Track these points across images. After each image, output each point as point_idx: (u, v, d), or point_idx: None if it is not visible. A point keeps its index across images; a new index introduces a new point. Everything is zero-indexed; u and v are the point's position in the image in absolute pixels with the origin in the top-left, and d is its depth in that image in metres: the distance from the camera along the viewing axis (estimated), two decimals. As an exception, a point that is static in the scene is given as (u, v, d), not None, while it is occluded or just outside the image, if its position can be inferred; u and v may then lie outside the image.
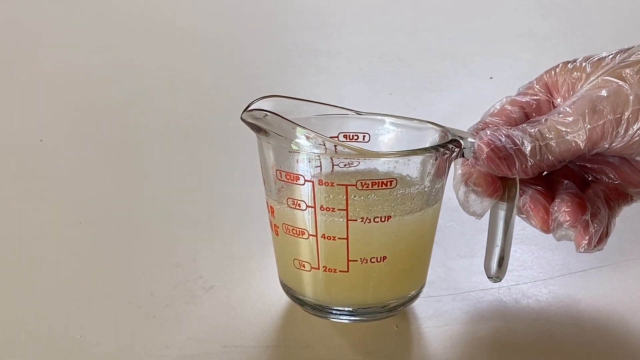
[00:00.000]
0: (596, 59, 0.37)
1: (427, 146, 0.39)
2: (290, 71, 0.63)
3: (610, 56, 0.37)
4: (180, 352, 0.42)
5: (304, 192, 0.38)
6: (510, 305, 0.45)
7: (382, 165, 0.43)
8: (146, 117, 0.60)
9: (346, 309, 0.42)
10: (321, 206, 0.38)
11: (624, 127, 0.33)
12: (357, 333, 0.43)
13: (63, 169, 0.56)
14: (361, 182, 0.37)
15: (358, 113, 0.43)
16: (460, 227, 0.44)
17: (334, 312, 0.42)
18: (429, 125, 0.41)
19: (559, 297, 0.45)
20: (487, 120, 0.40)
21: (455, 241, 0.48)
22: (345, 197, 0.37)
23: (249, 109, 0.38)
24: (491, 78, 0.61)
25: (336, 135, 0.43)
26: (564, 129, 0.34)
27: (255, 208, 0.51)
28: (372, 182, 0.37)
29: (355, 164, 0.42)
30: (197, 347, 0.42)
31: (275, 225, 0.42)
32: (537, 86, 0.39)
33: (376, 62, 0.64)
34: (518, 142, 0.35)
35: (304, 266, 0.41)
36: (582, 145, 0.34)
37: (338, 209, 0.38)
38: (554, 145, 0.34)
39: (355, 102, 0.61)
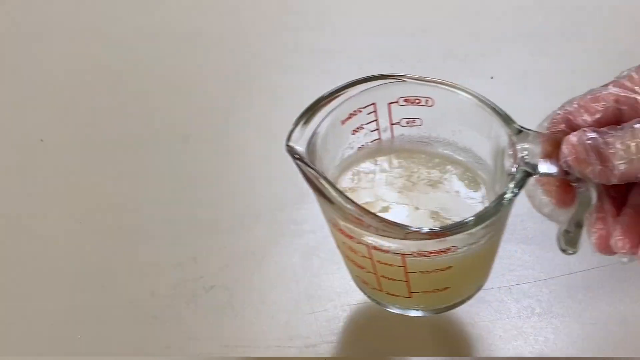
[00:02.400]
0: None
1: (490, 207, 0.32)
2: (290, 71, 0.63)
3: None
4: (181, 351, 0.42)
5: (360, 248, 0.35)
6: (511, 305, 0.45)
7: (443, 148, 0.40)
8: (146, 116, 0.60)
9: (410, 309, 0.41)
10: (378, 260, 0.36)
11: None
12: (358, 333, 0.43)
13: (63, 168, 0.56)
14: (418, 252, 0.34)
15: (419, 79, 0.37)
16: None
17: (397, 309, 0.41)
18: (495, 117, 0.35)
19: (560, 297, 0.45)
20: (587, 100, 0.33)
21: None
22: (402, 259, 0.35)
23: (290, 142, 0.34)
24: (492, 78, 0.61)
25: (396, 100, 0.38)
26: None
27: (255, 208, 0.51)
28: (430, 252, 0.33)
29: (417, 123, 0.39)
30: (197, 347, 0.42)
31: (335, 238, 0.39)
32: (637, 87, 0.33)
33: (377, 62, 0.64)
34: (610, 141, 0.31)
35: (366, 283, 0.39)
36: None
37: (396, 265, 0.35)
38: None
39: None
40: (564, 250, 0.38)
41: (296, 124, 0.35)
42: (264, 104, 0.59)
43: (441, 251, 0.34)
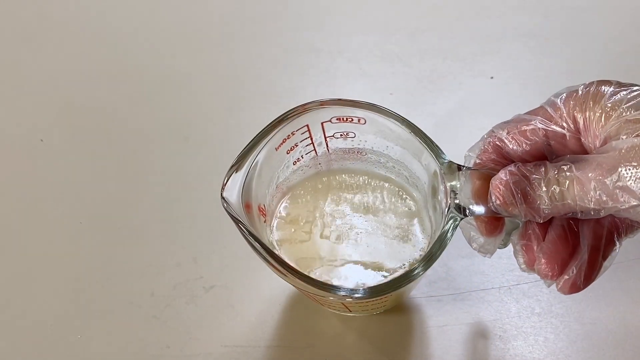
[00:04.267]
0: (631, 117, 0.31)
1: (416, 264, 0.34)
2: (290, 71, 0.63)
3: None
4: (181, 351, 0.42)
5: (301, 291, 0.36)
6: (511, 305, 0.45)
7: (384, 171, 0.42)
8: (146, 117, 0.60)
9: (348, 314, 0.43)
10: (320, 299, 0.36)
11: None
12: (358, 333, 0.43)
13: (64, 168, 0.56)
14: (357, 303, 0.35)
15: (352, 104, 0.38)
16: (461, 227, 0.44)
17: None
18: (426, 149, 0.36)
19: (559, 297, 0.45)
20: (505, 135, 0.35)
21: (456, 241, 0.48)
22: (341, 302, 0.36)
23: (223, 194, 0.34)
24: (492, 78, 0.61)
25: (329, 119, 0.39)
26: (585, 195, 0.30)
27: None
28: (366, 302, 0.35)
29: (351, 135, 0.40)
30: (198, 347, 0.42)
31: None
32: (564, 123, 0.34)
33: (377, 62, 0.64)
34: (535, 184, 0.32)
35: (308, 298, 0.41)
36: (601, 213, 0.31)
37: (335, 302, 0.36)
38: (570, 202, 0.31)
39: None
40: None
41: (229, 172, 0.35)
42: (264, 104, 0.59)
43: (375, 300, 0.35)
